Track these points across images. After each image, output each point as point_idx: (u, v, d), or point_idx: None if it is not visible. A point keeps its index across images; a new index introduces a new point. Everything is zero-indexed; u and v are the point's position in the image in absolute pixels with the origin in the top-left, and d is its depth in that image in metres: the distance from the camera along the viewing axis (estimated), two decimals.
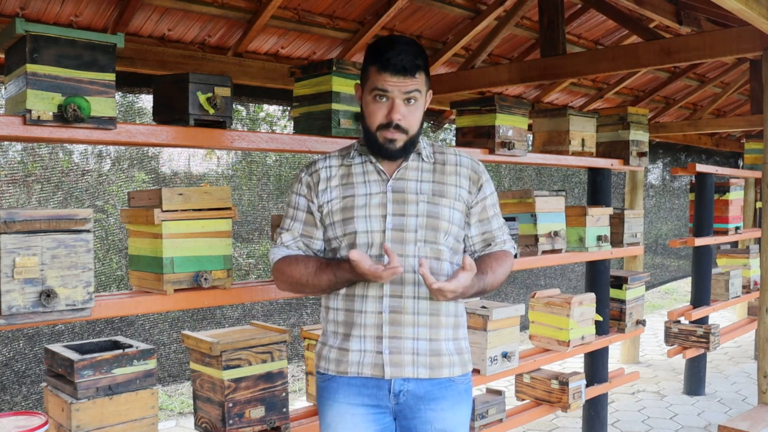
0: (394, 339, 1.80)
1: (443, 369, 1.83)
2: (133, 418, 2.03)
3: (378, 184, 1.85)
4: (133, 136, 2.02)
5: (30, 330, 3.80)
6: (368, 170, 1.87)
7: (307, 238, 1.89)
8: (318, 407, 1.94)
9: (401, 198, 1.82)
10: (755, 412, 3.74)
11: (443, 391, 1.84)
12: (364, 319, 1.81)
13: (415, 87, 1.77)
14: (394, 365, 1.79)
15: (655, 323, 7.77)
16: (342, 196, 1.86)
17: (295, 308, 5.09)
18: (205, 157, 4.83)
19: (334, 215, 1.85)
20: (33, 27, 1.78)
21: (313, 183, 1.89)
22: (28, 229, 1.75)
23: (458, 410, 1.87)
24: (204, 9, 3.56)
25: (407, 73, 1.75)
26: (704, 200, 4.92)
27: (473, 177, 1.89)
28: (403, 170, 1.86)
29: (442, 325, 1.84)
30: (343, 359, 1.83)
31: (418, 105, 1.81)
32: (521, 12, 4.49)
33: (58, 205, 3.91)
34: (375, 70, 1.77)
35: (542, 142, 3.80)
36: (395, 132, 1.78)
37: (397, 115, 1.77)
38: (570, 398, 3.48)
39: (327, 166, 1.90)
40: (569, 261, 3.68)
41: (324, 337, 1.92)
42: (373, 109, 1.80)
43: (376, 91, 1.77)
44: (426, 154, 1.89)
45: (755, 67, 5.59)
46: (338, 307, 1.86)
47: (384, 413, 1.84)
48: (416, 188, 1.84)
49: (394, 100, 1.77)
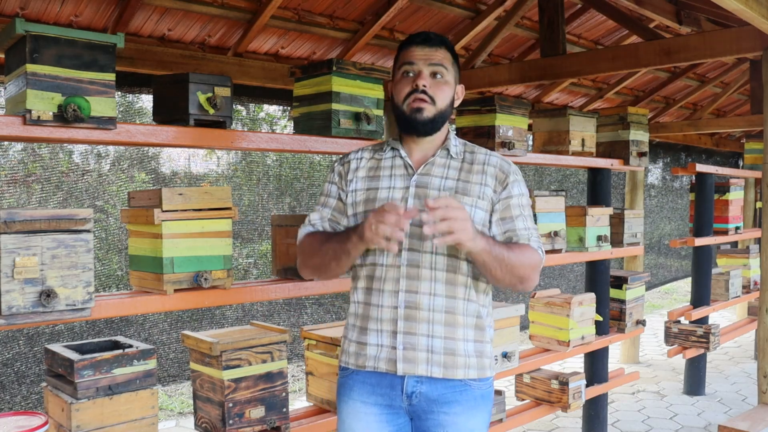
0: (409, 335, 1.78)
1: (458, 370, 1.79)
2: (133, 418, 2.03)
3: (403, 179, 1.86)
4: (133, 136, 2.02)
5: (30, 330, 3.80)
6: (396, 164, 1.88)
7: (334, 222, 1.91)
8: (336, 403, 1.95)
9: (423, 193, 1.82)
10: (755, 412, 3.74)
11: (457, 395, 1.80)
12: (380, 313, 1.81)
13: (440, 60, 1.82)
14: (407, 361, 1.78)
15: (655, 323, 7.77)
16: (366, 188, 1.88)
17: (295, 308, 5.09)
18: (205, 157, 4.83)
19: (357, 206, 1.87)
20: (33, 27, 1.78)
21: (344, 172, 1.92)
22: (28, 229, 1.75)
23: (473, 416, 1.82)
24: (204, 9, 3.56)
25: (432, 44, 1.82)
26: (704, 200, 4.92)
27: (500, 176, 1.85)
28: (429, 165, 1.86)
29: (459, 324, 1.80)
30: (362, 353, 1.84)
31: (445, 82, 1.84)
32: (521, 12, 4.49)
33: (58, 205, 3.91)
34: (404, 49, 1.85)
35: (542, 142, 3.80)
36: (422, 98, 1.80)
37: (423, 81, 1.80)
38: (570, 398, 3.48)
39: (358, 157, 1.94)
40: (569, 261, 3.68)
41: (346, 331, 1.93)
42: (401, 85, 1.84)
43: (404, 67, 1.83)
44: (455, 152, 1.88)
45: (755, 67, 5.59)
46: (359, 301, 1.87)
47: (398, 413, 1.83)
48: (440, 184, 1.83)
49: (421, 71, 1.81)
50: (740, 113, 8.02)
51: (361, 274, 1.86)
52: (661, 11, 4.15)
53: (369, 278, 1.84)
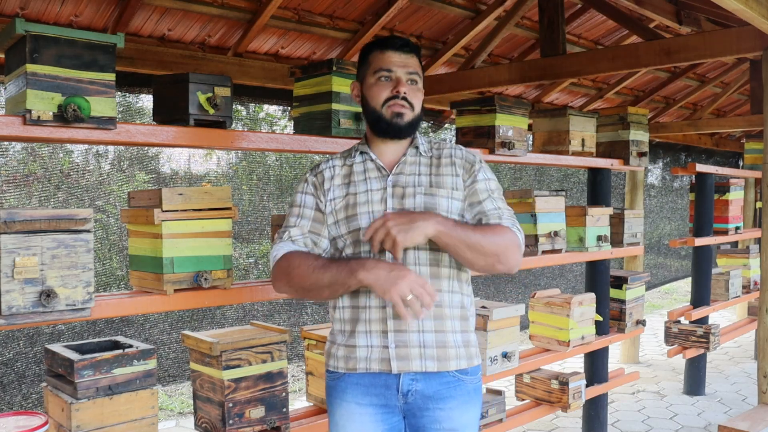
0: (400, 333, 1.80)
1: (450, 361, 1.82)
2: (133, 418, 2.03)
3: (378, 180, 1.88)
4: (133, 136, 2.02)
5: (30, 330, 3.80)
6: (369, 168, 1.91)
7: (315, 235, 1.89)
8: (327, 406, 1.94)
9: (400, 192, 1.85)
10: (755, 412, 3.74)
11: (452, 391, 1.84)
12: (368, 314, 1.82)
13: (415, 68, 1.87)
14: (401, 359, 1.79)
15: (655, 323, 7.78)
16: (344, 194, 1.89)
17: (295, 308, 5.09)
18: (205, 157, 4.83)
19: (338, 213, 1.87)
20: (33, 27, 1.78)
21: (318, 183, 1.92)
22: (28, 229, 1.75)
23: (467, 410, 1.87)
24: (204, 9, 3.56)
25: (409, 50, 1.87)
26: (704, 200, 4.92)
27: (466, 166, 1.90)
28: (402, 165, 1.90)
29: (447, 316, 1.83)
30: (351, 356, 1.84)
31: (419, 88, 1.90)
32: (521, 12, 4.49)
33: (58, 205, 3.91)
34: (378, 53, 1.87)
35: (542, 142, 3.80)
36: (403, 104, 1.84)
37: (404, 88, 1.84)
38: (570, 398, 3.48)
39: (330, 166, 1.94)
40: (569, 261, 3.68)
41: (332, 336, 1.92)
42: (378, 90, 1.86)
43: (381, 72, 1.85)
44: (423, 149, 1.93)
45: (755, 67, 5.59)
46: (344, 305, 1.87)
47: (392, 413, 1.84)
48: (414, 181, 1.87)
49: (399, 78, 1.85)
50: (740, 113, 8.02)
51: None
52: (661, 11, 4.15)
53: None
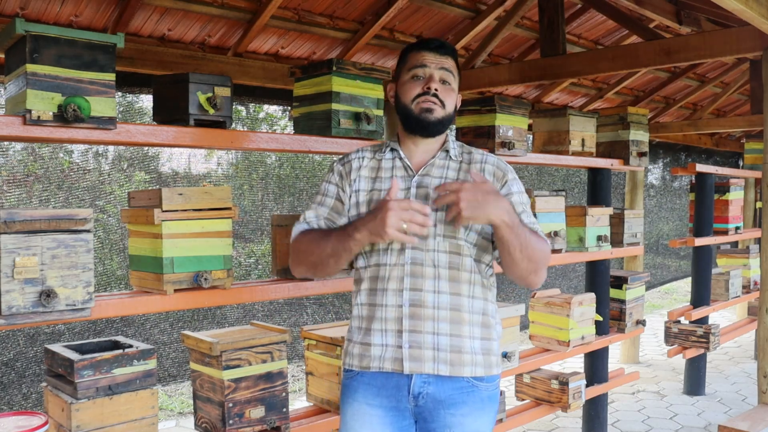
0: (414, 333, 1.78)
1: (464, 367, 1.79)
2: (133, 418, 2.03)
3: (404, 180, 1.87)
4: (133, 136, 2.03)
5: (30, 330, 3.80)
6: (396, 165, 1.90)
7: (330, 222, 1.90)
8: (339, 406, 1.94)
9: (424, 193, 1.84)
10: (755, 412, 3.74)
11: (464, 396, 1.80)
12: (385, 312, 1.81)
13: (450, 68, 1.88)
14: (414, 360, 1.78)
15: (655, 323, 7.77)
16: (370, 188, 1.88)
17: (295, 308, 5.09)
18: (206, 157, 4.83)
19: (360, 206, 1.88)
20: (33, 27, 1.78)
21: (345, 172, 1.92)
22: (28, 229, 1.75)
23: (479, 417, 1.82)
24: (204, 9, 3.56)
25: (444, 52, 1.87)
26: (704, 200, 4.92)
27: (497, 174, 1.89)
28: (429, 167, 1.88)
29: (464, 321, 1.81)
30: (366, 354, 1.83)
31: (452, 89, 1.89)
32: (521, 12, 4.49)
33: (58, 205, 3.91)
34: (414, 53, 1.88)
35: (542, 142, 3.80)
36: (433, 100, 1.84)
37: (435, 85, 1.84)
38: (570, 398, 3.48)
39: (360, 157, 1.95)
40: (569, 261, 3.68)
41: (349, 334, 1.92)
42: (410, 86, 1.87)
43: (415, 70, 1.86)
44: (454, 153, 1.91)
45: (755, 67, 5.59)
46: (362, 302, 1.87)
47: (402, 416, 1.82)
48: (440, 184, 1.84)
49: (431, 75, 1.85)
50: (740, 113, 8.02)
51: (365, 276, 1.86)
52: (661, 11, 4.15)
53: (373, 279, 1.84)
